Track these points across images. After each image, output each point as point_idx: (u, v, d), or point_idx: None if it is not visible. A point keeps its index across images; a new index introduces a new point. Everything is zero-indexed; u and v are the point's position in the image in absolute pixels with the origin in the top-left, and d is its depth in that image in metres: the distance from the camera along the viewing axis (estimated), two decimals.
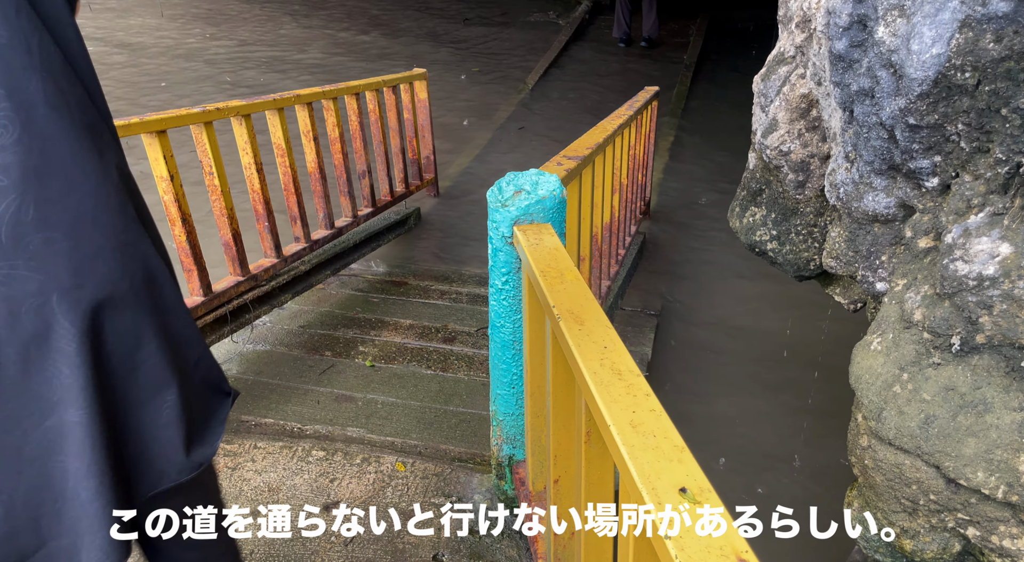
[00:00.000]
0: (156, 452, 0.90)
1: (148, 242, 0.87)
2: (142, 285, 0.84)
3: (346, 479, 2.11)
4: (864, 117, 1.53)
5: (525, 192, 1.57)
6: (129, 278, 0.83)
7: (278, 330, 3.18)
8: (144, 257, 0.86)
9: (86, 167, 0.79)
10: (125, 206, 0.84)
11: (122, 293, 0.82)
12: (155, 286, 0.86)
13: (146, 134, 2.35)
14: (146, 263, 0.86)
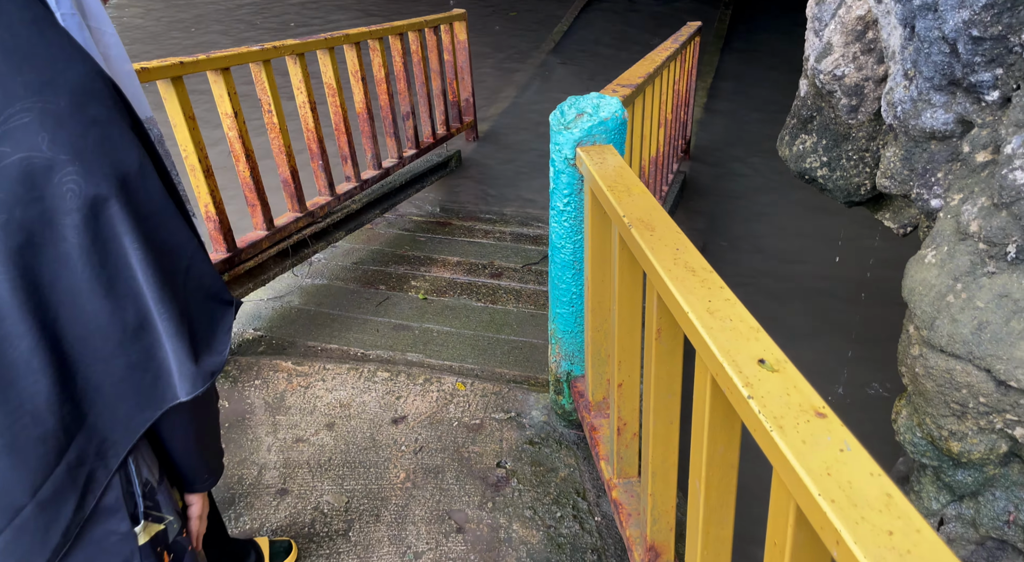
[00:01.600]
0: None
1: (128, 137, 0.78)
2: (119, 181, 0.76)
3: (411, 397, 2.24)
4: (926, 32, 1.55)
5: (587, 115, 1.63)
6: (108, 172, 0.75)
7: (333, 266, 3.31)
8: (123, 157, 0.77)
9: (37, 57, 0.71)
10: (96, 93, 0.75)
11: (104, 189, 0.74)
12: (133, 183, 0.76)
13: (211, 71, 2.43)
14: (121, 159, 0.77)
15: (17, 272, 0.70)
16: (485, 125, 5.44)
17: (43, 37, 0.72)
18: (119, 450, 0.80)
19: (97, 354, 0.77)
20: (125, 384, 0.79)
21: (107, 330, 0.76)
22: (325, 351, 2.60)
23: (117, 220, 0.74)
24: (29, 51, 0.70)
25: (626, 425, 1.56)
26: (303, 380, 2.31)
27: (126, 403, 0.80)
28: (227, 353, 0.91)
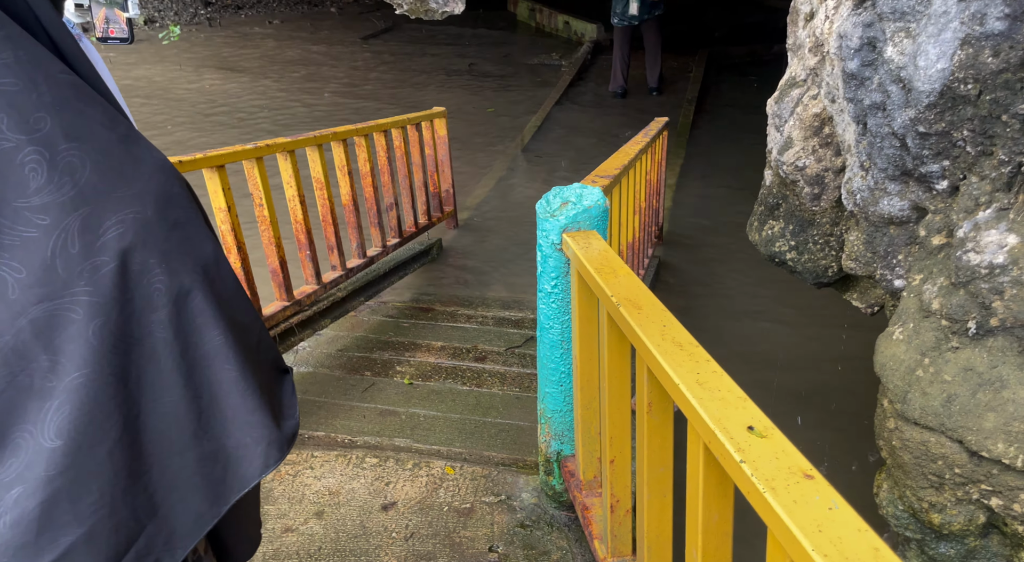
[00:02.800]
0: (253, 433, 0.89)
1: (204, 232, 0.86)
2: (201, 272, 0.83)
3: (400, 482, 2.23)
4: (877, 128, 1.71)
5: (571, 203, 1.74)
6: (191, 267, 0.82)
7: (318, 353, 3.33)
8: (202, 251, 0.84)
9: (126, 174, 0.79)
10: (176, 197, 0.83)
11: (187, 282, 0.81)
12: (211, 272, 0.84)
13: (207, 169, 2.54)
14: (201, 252, 0.84)
15: (111, 371, 0.75)
16: (465, 214, 5.61)
17: (130, 154, 0.80)
18: (187, 543, 0.83)
19: (173, 447, 0.80)
20: (197, 477, 0.82)
21: (183, 421, 0.81)
22: (312, 439, 2.59)
23: (200, 309, 0.80)
24: (120, 170, 0.78)
25: (619, 502, 1.59)
26: (291, 468, 2.30)
27: (197, 496, 0.83)
28: (298, 416, 0.99)
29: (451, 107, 7.80)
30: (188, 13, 12.11)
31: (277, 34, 11.44)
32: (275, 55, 10.33)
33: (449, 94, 8.68)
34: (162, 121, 7.57)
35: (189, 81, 9.06)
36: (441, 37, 11.22)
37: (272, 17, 12.41)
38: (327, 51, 10.58)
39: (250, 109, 8.09)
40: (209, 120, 7.67)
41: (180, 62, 9.80)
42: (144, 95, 8.45)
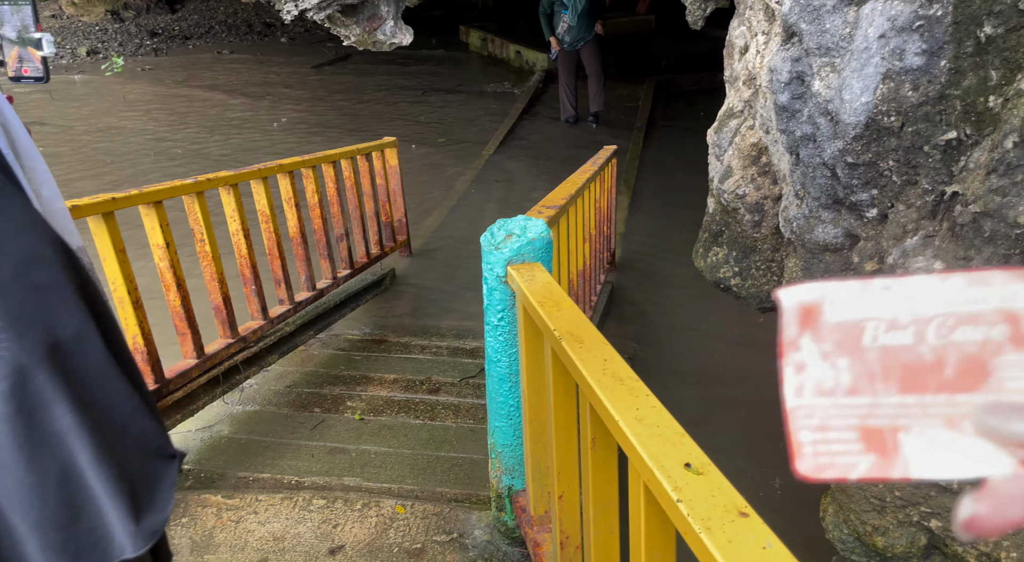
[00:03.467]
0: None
1: (71, 301, 0.79)
2: (53, 344, 0.77)
3: (348, 524, 2.17)
4: (809, 158, 1.75)
5: (516, 235, 1.74)
6: (42, 337, 0.76)
7: (265, 390, 3.24)
8: (61, 321, 0.78)
9: None
10: (43, 259, 0.77)
11: (36, 353, 0.75)
12: (69, 346, 0.77)
13: (143, 205, 2.47)
14: (60, 323, 0.78)
15: None
16: (419, 242, 5.58)
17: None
18: None
19: (13, 535, 0.73)
20: (58, 555, 0.76)
21: (26, 507, 0.73)
22: (257, 481, 2.51)
23: (47, 387, 0.73)
24: None
25: (568, 538, 1.57)
26: (233, 514, 2.22)
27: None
28: (170, 510, 0.89)
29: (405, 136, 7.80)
30: (133, 44, 11.91)
31: (226, 64, 11.33)
32: (223, 85, 10.22)
33: (402, 123, 8.69)
34: (101, 155, 7.39)
35: (131, 114, 8.88)
36: (394, 66, 11.26)
37: (221, 47, 12.29)
38: (278, 81, 10.51)
39: (196, 141, 7.96)
40: (152, 154, 7.51)
41: (123, 94, 9.62)
42: (83, 130, 8.25)
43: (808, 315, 0.31)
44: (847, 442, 0.30)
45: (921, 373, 0.30)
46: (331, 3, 3.74)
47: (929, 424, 0.30)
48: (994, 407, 0.28)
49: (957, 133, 1.55)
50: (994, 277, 0.29)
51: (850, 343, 0.30)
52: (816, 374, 0.31)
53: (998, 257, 1.47)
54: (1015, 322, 0.29)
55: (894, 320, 0.30)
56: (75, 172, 6.85)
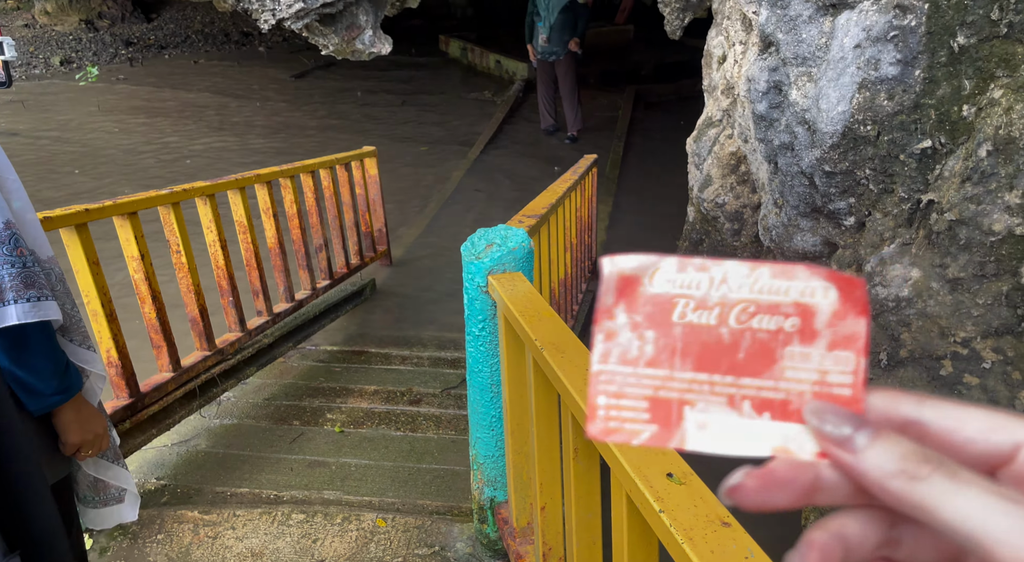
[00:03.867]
0: None
1: None
2: None
3: (328, 538, 2.14)
4: (787, 167, 1.77)
5: (496, 245, 1.73)
6: None
7: (243, 404, 3.19)
8: None
9: None
10: None
11: None
12: None
13: (118, 216, 2.43)
14: None
15: None
16: (399, 251, 5.56)
17: None
18: None
19: None
20: None
21: None
22: (235, 496, 2.46)
23: None
24: None
25: (551, 550, 1.55)
26: (211, 530, 2.17)
27: None
28: None
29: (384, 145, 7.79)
30: (108, 53, 11.78)
31: (202, 74, 11.25)
32: (201, 95, 10.13)
33: (382, 132, 8.67)
34: (76, 166, 7.29)
35: (106, 124, 8.78)
36: (373, 76, 11.24)
37: (197, 57, 12.20)
38: (256, 91, 10.44)
39: (173, 151, 7.88)
40: (128, 164, 7.42)
41: (98, 103, 9.50)
42: (58, 139, 8.13)
43: (626, 284, 0.32)
44: (637, 410, 0.31)
45: (716, 353, 0.31)
46: (309, 12, 3.72)
47: (713, 401, 0.31)
48: (820, 408, 0.29)
49: (932, 142, 1.57)
50: (797, 271, 0.31)
51: (660, 316, 0.32)
52: (623, 343, 0.32)
53: (973, 264, 1.49)
54: (807, 317, 0.31)
55: (703, 300, 0.32)
56: (46, 182, 6.74)
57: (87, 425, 1.26)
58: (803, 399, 0.31)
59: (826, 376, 0.31)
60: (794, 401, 0.31)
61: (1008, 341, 1.48)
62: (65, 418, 1.23)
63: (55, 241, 2.37)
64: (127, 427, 2.46)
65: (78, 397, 1.26)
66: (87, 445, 1.27)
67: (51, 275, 1.24)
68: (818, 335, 0.31)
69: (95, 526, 1.45)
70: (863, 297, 0.31)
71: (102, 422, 1.30)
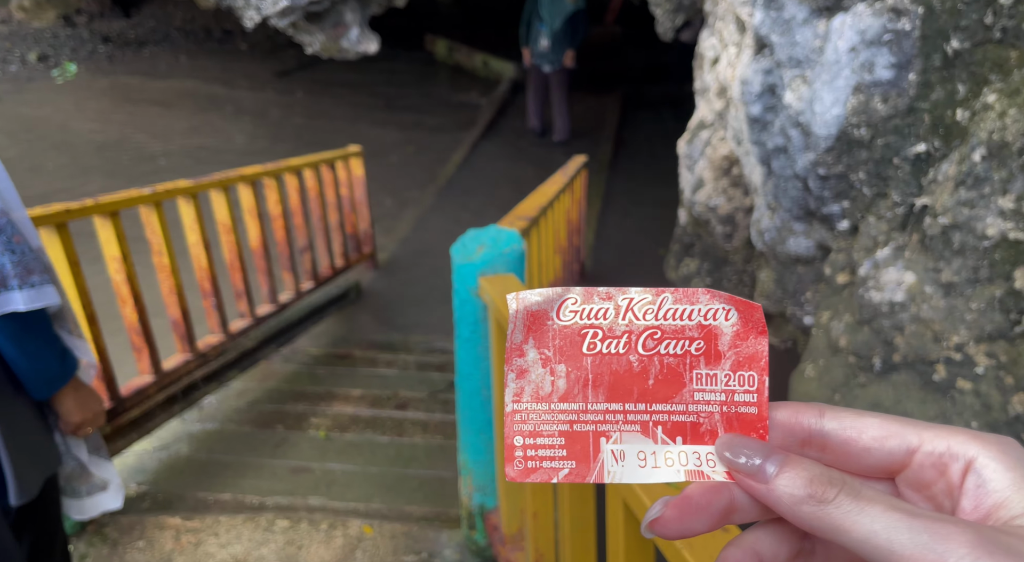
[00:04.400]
0: None
1: None
2: None
3: (314, 545, 2.09)
4: (781, 170, 1.75)
5: (488, 246, 1.70)
6: None
7: (226, 408, 3.14)
8: None
9: None
10: None
11: None
12: None
13: (99, 216, 2.37)
14: None
15: None
16: (385, 254, 5.51)
17: None
18: None
19: None
20: None
21: None
22: (218, 502, 2.41)
23: None
24: None
25: (543, 557, 1.53)
26: (193, 537, 2.12)
27: None
28: None
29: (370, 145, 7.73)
30: (86, 50, 11.61)
31: (183, 71, 11.12)
32: (181, 93, 10.01)
33: (368, 132, 8.60)
34: (53, 165, 7.17)
35: (84, 122, 8.64)
36: (359, 75, 11.17)
37: (178, 54, 12.05)
38: (238, 89, 10.34)
39: (152, 150, 7.77)
40: (106, 163, 7.31)
41: (76, 101, 9.35)
42: (35, 137, 7.99)
43: (534, 320, 0.33)
44: (554, 448, 0.32)
45: (627, 381, 0.32)
46: (296, 10, 3.67)
47: (627, 430, 0.32)
48: (729, 441, 0.31)
49: (926, 146, 1.56)
50: (699, 295, 0.32)
51: (570, 349, 0.32)
52: (535, 379, 0.32)
53: (967, 269, 1.49)
54: (710, 339, 0.32)
55: (611, 329, 0.32)
56: (21, 178, 6.61)
57: (87, 404, 1.29)
58: (713, 420, 0.32)
59: (732, 396, 0.32)
60: (704, 423, 0.32)
61: (1001, 346, 1.48)
62: (66, 399, 1.26)
63: None
64: (107, 431, 2.40)
65: (75, 377, 1.28)
66: (87, 423, 1.31)
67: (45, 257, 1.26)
68: (723, 356, 0.32)
69: (81, 516, 1.47)
70: (761, 319, 0.32)
71: (99, 400, 1.35)
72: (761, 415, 0.32)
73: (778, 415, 0.31)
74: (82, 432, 1.31)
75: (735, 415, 0.32)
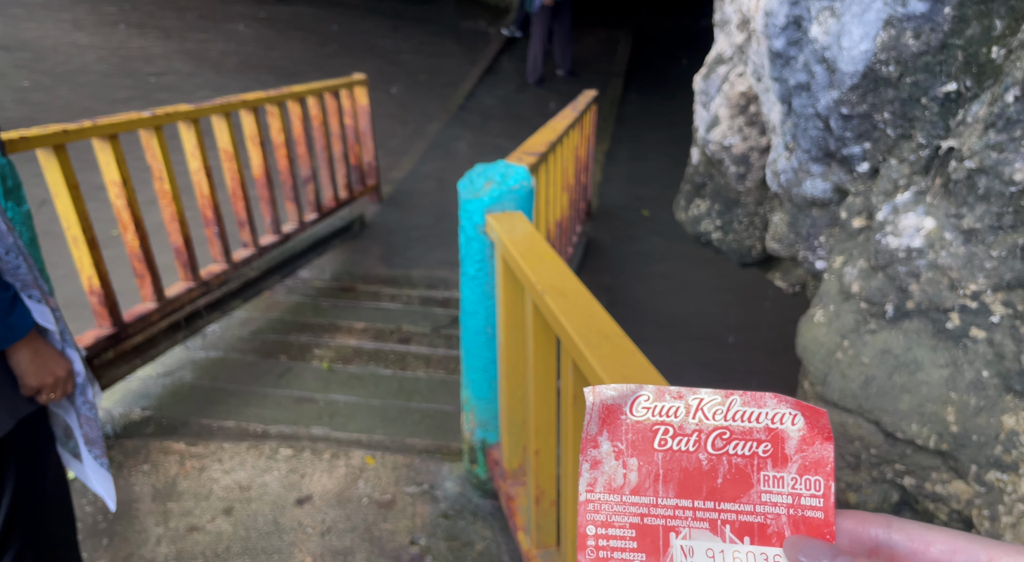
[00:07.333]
0: None
1: None
2: None
3: (316, 474, 2.13)
4: (801, 109, 1.69)
5: (495, 182, 1.65)
6: None
7: (229, 336, 3.15)
8: None
9: None
10: None
11: None
12: None
13: (98, 139, 2.31)
14: None
15: None
16: (389, 187, 5.43)
17: None
18: None
19: None
20: None
21: None
22: (221, 429, 2.44)
23: None
24: None
25: (544, 493, 1.54)
26: (197, 462, 2.16)
27: None
28: None
29: (373, 73, 7.53)
30: None
31: None
32: (181, 14, 9.71)
33: (370, 59, 8.37)
34: (48, 83, 7.00)
35: (81, 40, 8.41)
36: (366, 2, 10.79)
37: None
38: (240, 11, 10.01)
39: (151, 72, 7.58)
40: (104, 83, 7.14)
41: (74, 18, 9.08)
42: (30, 58, 7.78)
43: (609, 413, 0.34)
44: (625, 539, 0.33)
45: (697, 479, 0.33)
46: None
47: (696, 527, 0.33)
48: (797, 542, 0.31)
49: (957, 85, 1.49)
50: (766, 399, 0.33)
51: (642, 444, 0.33)
52: (608, 471, 0.34)
53: (991, 215, 1.44)
54: (777, 442, 0.33)
55: (681, 427, 0.33)
56: (13, 100, 6.48)
57: (45, 367, 1.22)
58: (780, 522, 0.33)
59: (799, 499, 0.33)
60: (772, 524, 0.33)
61: (1019, 295, 1.45)
62: (21, 360, 1.19)
63: (31, 161, 2.26)
64: (110, 357, 2.41)
65: (35, 339, 1.21)
66: (47, 388, 1.23)
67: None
68: (789, 460, 0.33)
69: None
70: (827, 424, 0.33)
71: (63, 365, 1.25)
72: (827, 520, 0.32)
73: (844, 523, 0.32)
74: (43, 397, 1.24)
75: (802, 518, 0.33)
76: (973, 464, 1.45)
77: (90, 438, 1.36)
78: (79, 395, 1.33)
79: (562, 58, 7.93)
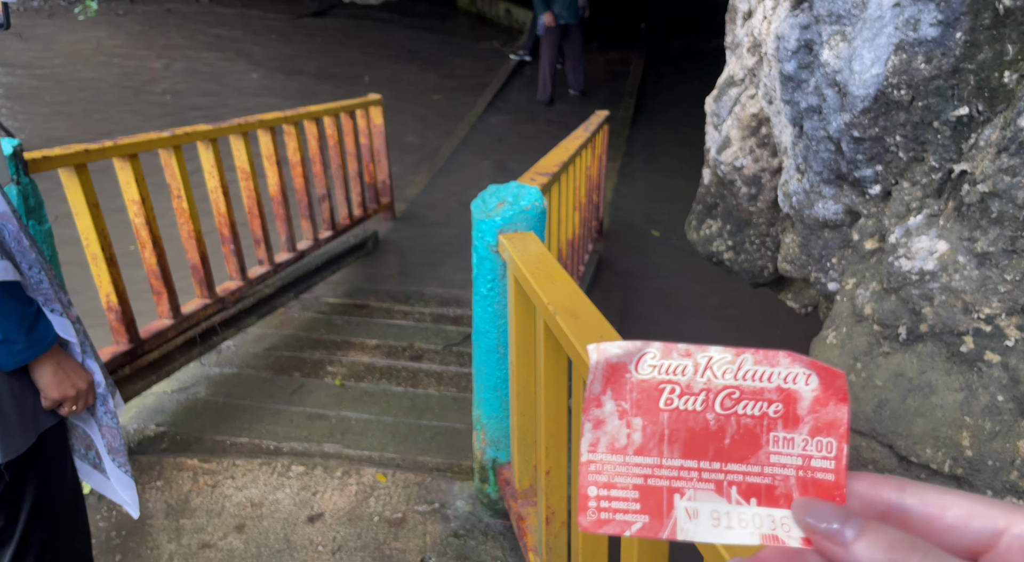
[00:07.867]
0: None
1: None
2: None
3: (328, 491, 2.13)
4: (813, 131, 1.70)
5: (508, 203, 1.67)
6: None
7: (243, 353, 3.17)
8: None
9: None
10: None
11: None
12: None
13: (118, 158, 2.36)
14: None
15: None
16: (403, 205, 5.48)
17: None
18: None
19: None
20: None
21: None
22: (235, 445, 2.46)
23: None
24: None
25: (555, 514, 1.54)
26: (210, 479, 2.17)
27: None
28: None
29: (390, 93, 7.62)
30: None
31: (204, 12, 10.96)
32: (202, 34, 9.89)
33: (389, 80, 8.48)
34: (72, 105, 7.14)
35: (105, 61, 8.58)
36: (380, 21, 10.95)
37: None
38: (258, 31, 10.19)
39: (173, 92, 7.71)
40: (127, 104, 7.27)
41: (98, 40, 9.27)
42: (54, 78, 7.95)
43: (613, 371, 0.33)
44: (627, 500, 0.32)
45: (703, 439, 0.32)
46: None
47: (701, 488, 0.32)
48: (805, 504, 0.31)
49: (969, 109, 1.50)
50: (780, 358, 0.32)
51: (647, 403, 0.33)
52: (612, 431, 0.33)
53: (1004, 238, 1.44)
54: (790, 403, 0.32)
55: (689, 386, 0.32)
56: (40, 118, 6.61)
57: (67, 380, 1.23)
58: (788, 484, 0.32)
59: (810, 461, 0.32)
60: (780, 486, 0.32)
61: None
62: (44, 373, 1.21)
63: (53, 180, 2.31)
64: (127, 373, 2.44)
65: (56, 352, 1.23)
66: (69, 401, 1.25)
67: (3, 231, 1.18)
68: (801, 421, 0.32)
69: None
70: (843, 386, 0.32)
71: (84, 377, 1.27)
72: (839, 483, 0.32)
73: (856, 485, 0.31)
74: (65, 409, 1.26)
75: (811, 480, 0.32)
76: (988, 490, 1.43)
77: (113, 447, 1.38)
78: (100, 406, 1.35)
79: (574, 78, 8.00)
